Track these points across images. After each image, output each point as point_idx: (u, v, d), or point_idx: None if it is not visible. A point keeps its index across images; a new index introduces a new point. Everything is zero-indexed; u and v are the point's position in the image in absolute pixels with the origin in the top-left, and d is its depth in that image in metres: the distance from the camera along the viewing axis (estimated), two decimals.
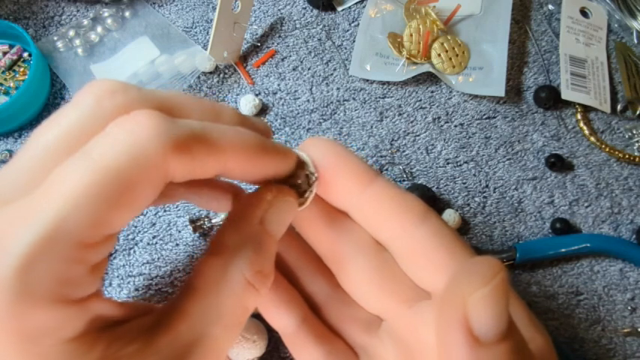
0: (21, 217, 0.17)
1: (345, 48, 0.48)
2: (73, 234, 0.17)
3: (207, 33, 0.48)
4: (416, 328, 0.22)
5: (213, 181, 0.26)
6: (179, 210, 0.40)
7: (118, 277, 0.38)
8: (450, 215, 0.41)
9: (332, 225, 0.24)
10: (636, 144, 0.45)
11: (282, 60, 0.47)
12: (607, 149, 0.44)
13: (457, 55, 0.47)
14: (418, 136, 0.45)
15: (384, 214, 0.22)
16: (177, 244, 0.39)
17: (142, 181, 0.18)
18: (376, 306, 0.24)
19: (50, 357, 0.17)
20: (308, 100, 0.45)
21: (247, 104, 0.44)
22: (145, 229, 0.40)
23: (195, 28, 0.49)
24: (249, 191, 0.24)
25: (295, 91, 0.46)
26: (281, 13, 0.49)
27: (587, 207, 0.42)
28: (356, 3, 0.50)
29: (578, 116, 0.46)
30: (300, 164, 0.23)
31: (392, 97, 0.46)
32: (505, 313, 0.17)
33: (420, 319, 0.22)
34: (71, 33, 0.47)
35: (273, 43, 0.48)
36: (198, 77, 0.46)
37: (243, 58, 0.47)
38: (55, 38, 0.47)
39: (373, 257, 0.23)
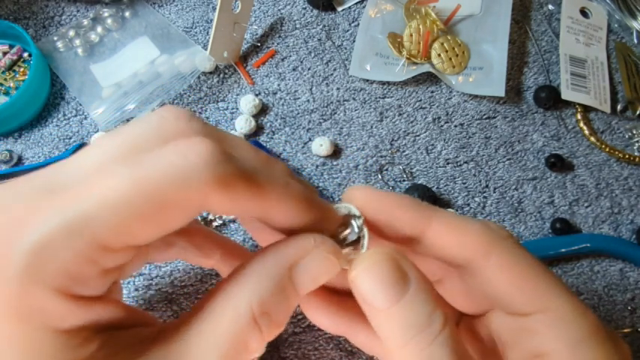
0: (53, 206, 0.18)
1: (345, 48, 0.48)
2: (92, 234, 0.17)
3: (207, 33, 0.48)
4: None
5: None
6: None
7: None
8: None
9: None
10: (636, 144, 0.45)
11: (282, 60, 0.47)
12: (607, 149, 0.44)
13: (457, 55, 0.47)
14: (418, 136, 0.45)
15: (454, 244, 0.22)
16: None
17: (177, 205, 0.18)
18: None
19: (42, 342, 0.18)
20: (308, 100, 0.45)
21: (247, 104, 0.44)
22: None
23: (195, 28, 0.49)
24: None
25: (295, 91, 0.46)
26: (281, 13, 0.49)
27: (587, 207, 0.42)
28: (356, 3, 0.50)
29: (578, 116, 0.46)
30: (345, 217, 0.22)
31: (392, 97, 0.46)
32: (385, 284, 0.20)
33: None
34: (71, 33, 0.47)
35: (273, 43, 0.48)
36: (198, 77, 0.46)
37: (243, 58, 0.47)
38: (55, 38, 0.47)
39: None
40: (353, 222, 0.22)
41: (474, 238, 0.22)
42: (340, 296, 0.25)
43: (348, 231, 0.22)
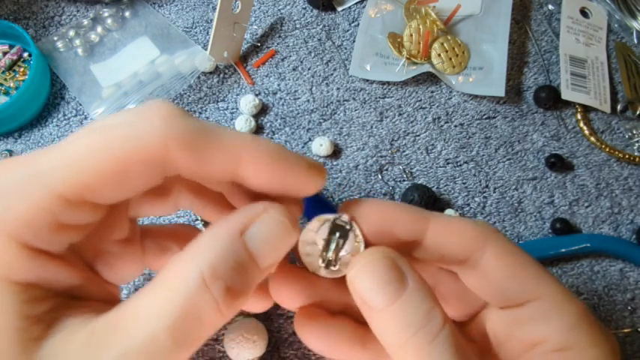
0: (16, 163, 0.19)
1: (345, 48, 0.48)
2: (48, 183, 0.18)
3: (207, 33, 0.48)
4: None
5: (223, 199, 0.25)
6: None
7: None
8: (450, 215, 0.41)
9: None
10: (636, 144, 0.45)
11: (282, 60, 0.47)
12: (607, 149, 0.44)
13: (457, 55, 0.47)
14: (418, 136, 0.45)
15: (453, 240, 0.23)
16: None
17: (136, 161, 0.18)
18: None
19: None
20: (308, 100, 0.45)
21: (247, 104, 0.44)
22: None
23: (195, 28, 0.49)
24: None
25: (295, 91, 0.46)
26: (281, 13, 0.49)
27: (587, 207, 0.42)
28: (356, 3, 0.50)
29: (578, 116, 0.46)
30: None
31: (392, 97, 0.46)
32: (383, 283, 0.20)
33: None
34: (71, 33, 0.47)
35: (273, 43, 0.48)
36: (198, 77, 0.46)
37: (243, 58, 0.47)
38: (55, 38, 0.47)
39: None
40: (340, 221, 0.22)
41: (470, 232, 0.23)
42: (335, 319, 0.24)
43: (337, 234, 0.22)
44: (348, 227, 0.22)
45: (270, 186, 0.21)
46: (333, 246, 0.22)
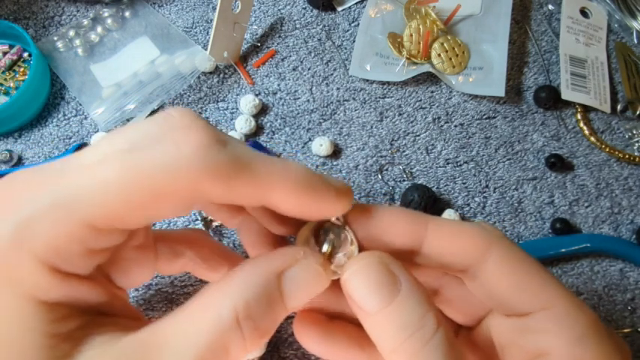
0: (47, 185, 0.18)
1: (345, 48, 0.48)
2: (80, 213, 0.18)
3: (207, 33, 0.48)
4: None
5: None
6: None
7: None
8: (450, 215, 0.41)
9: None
10: (636, 144, 0.45)
11: (282, 60, 0.47)
12: (607, 149, 0.44)
13: (457, 55, 0.47)
14: (418, 136, 0.45)
15: (453, 247, 0.22)
16: None
17: (167, 193, 0.18)
18: None
19: (21, 309, 0.18)
20: (308, 100, 0.45)
21: (247, 104, 0.44)
22: None
23: (195, 28, 0.49)
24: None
25: (295, 91, 0.46)
26: (281, 13, 0.49)
27: (587, 207, 0.42)
28: (356, 3, 0.50)
29: (578, 116, 0.46)
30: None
31: (392, 97, 0.46)
32: (376, 287, 0.20)
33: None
34: (71, 33, 0.47)
35: (273, 43, 0.48)
36: (198, 77, 0.46)
37: (243, 58, 0.47)
38: (55, 38, 0.47)
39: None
40: (334, 224, 0.22)
41: (472, 238, 0.22)
42: (334, 322, 0.24)
43: (331, 236, 0.22)
44: (341, 230, 0.22)
45: (299, 213, 0.21)
46: (326, 249, 0.22)
